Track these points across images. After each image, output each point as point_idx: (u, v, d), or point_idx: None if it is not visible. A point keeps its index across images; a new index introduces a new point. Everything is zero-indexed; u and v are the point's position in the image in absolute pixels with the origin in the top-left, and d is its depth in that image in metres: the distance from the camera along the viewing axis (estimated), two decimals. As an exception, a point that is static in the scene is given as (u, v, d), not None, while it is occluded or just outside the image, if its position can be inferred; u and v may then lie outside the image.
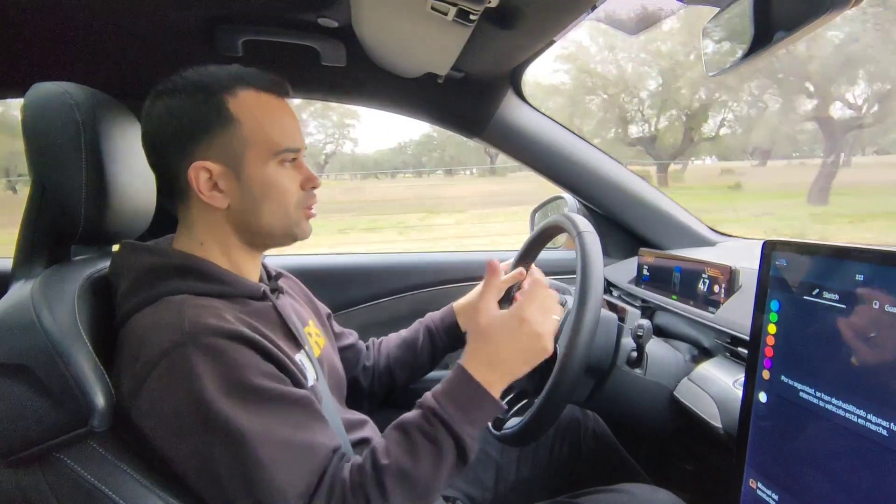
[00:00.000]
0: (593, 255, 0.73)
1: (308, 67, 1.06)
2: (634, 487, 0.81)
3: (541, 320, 0.66)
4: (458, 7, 0.69)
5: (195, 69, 0.65)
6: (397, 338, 0.98)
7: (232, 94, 0.63)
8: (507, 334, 0.65)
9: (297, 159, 0.68)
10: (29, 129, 0.63)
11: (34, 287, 0.58)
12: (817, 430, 0.50)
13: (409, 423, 0.62)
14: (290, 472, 0.55)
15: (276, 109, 0.66)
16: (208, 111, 0.63)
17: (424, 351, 0.95)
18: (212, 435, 0.53)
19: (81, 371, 0.53)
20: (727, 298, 0.86)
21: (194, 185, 0.63)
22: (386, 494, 0.57)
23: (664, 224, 1.33)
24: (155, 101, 0.64)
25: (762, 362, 0.57)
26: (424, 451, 0.60)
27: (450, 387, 0.64)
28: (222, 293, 0.63)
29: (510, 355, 0.65)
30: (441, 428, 0.61)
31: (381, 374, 0.95)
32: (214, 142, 0.63)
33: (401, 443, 0.60)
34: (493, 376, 0.64)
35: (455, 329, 0.96)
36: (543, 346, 0.66)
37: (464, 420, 0.61)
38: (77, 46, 0.97)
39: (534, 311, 0.66)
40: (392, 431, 0.62)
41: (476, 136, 1.26)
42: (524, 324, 0.65)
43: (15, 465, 0.54)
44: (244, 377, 0.55)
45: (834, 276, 0.49)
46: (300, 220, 0.69)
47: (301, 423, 0.58)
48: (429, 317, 0.99)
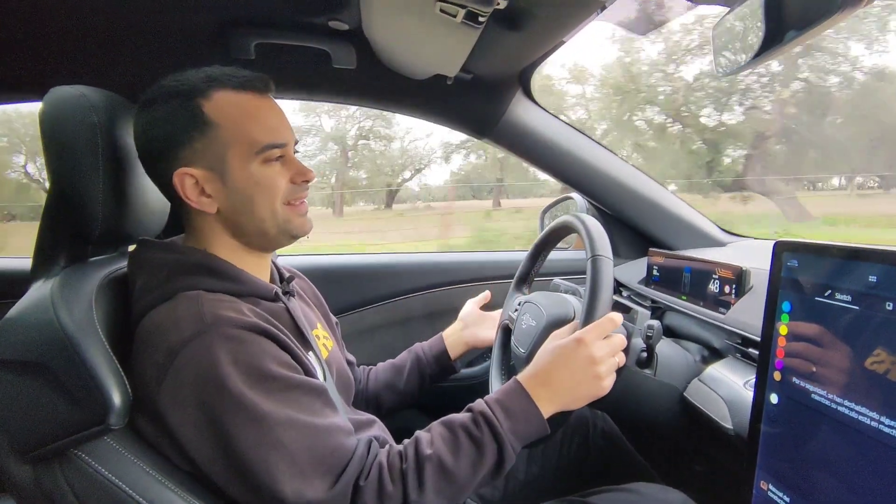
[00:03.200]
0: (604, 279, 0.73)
1: (319, 70, 1.07)
2: (645, 487, 0.81)
3: (600, 347, 0.67)
4: (466, 9, 0.69)
5: (173, 76, 0.65)
6: (388, 364, 0.99)
7: (207, 97, 0.63)
8: (566, 357, 0.66)
9: (285, 155, 0.67)
10: (47, 132, 0.64)
11: (53, 287, 0.60)
12: (829, 433, 0.50)
13: (456, 422, 0.63)
14: (314, 455, 0.56)
15: (255, 107, 0.65)
16: (185, 118, 0.63)
17: (412, 376, 0.96)
18: (236, 419, 0.54)
19: (99, 369, 0.54)
20: (738, 299, 0.85)
21: (180, 192, 0.63)
22: (423, 484, 0.58)
23: (674, 224, 1.32)
24: (139, 113, 0.65)
25: (773, 364, 0.56)
26: (467, 451, 0.61)
27: (503, 397, 0.65)
28: (235, 291, 0.64)
29: (564, 377, 0.66)
30: (487, 432, 0.62)
31: (369, 398, 0.96)
32: (195, 147, 0.63)
33: (446, 439, 0.61)
34: (544, 395, 0.65)
35: (443, 356, 0.97)
36: (597, 373, 0.66)
37: (510, 430, 0.62)
38: (94, 50, 0.98)
39: (594, 337, 0.67)
40: (438, 426, 0.63)
41: (485, 136, 1.26)
42: (581, 346, 0.66)
43: (33, 461, 0.55)
44: (264, 365, 0.56)
45: (846, 278, 0.49)
46: (288, 215, 0.67)
47: (319, 411, 0.59)
48: (418, 345, 1.00)
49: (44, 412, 0.54)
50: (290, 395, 0.57)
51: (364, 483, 0.57)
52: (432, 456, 0.59)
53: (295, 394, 0.58)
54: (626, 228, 1.37)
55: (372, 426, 0.79)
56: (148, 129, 0.64)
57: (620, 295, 1.24)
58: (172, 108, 0.63)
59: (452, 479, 0.59)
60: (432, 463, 0.59)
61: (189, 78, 0.64)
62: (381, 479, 0.58)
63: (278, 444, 0.54)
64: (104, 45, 0.97)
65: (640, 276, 1.18)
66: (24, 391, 0.55)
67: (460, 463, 0.60)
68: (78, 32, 0.92)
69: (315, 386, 0.61)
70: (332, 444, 0.58)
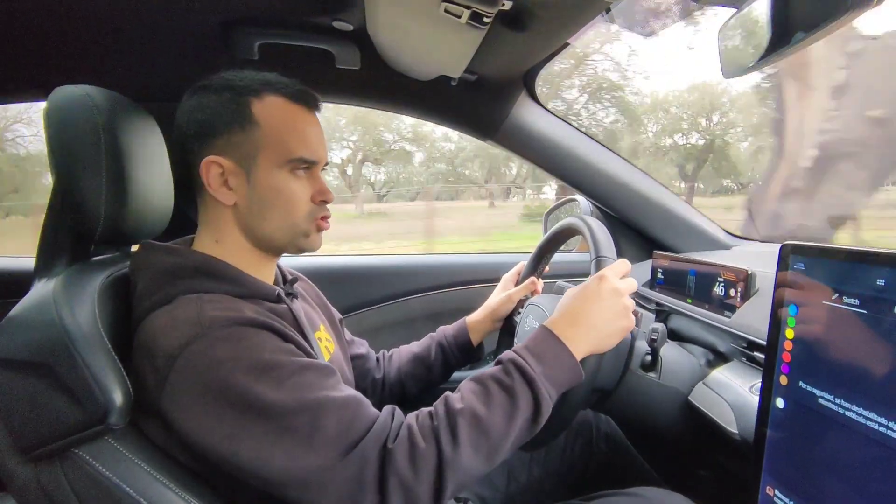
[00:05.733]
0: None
1: (323, 70, 1.07)
2: (648, 491, 0.80)
3: (622, 282, 0.68)
4: (471, 10, 0.69)
5: (233, 72, 0.67)
6: (408, 353, 0.98)
7: (259, 97, 0.65)
8: (589, 293, 0.66)
9: (313, 171, 0.68)
10: (51, 132, 0.64)
11: (55, 286, 0.60)
12: (837, 438, 0.49)
13: (485, 375, 0.61)
14: (328, 433, 0.54)
15: (300, 120, 0.67)
16: (232, 110, 0.64)
17: (437, 367, 0.95)
18: (244, 416, 0.53)
19: (100, 368, 0.54)
20: (743, 302, 0.85)
21: (204, 178, 0.64)
22: (457, 438, 0.56)
23: (678, 226, 1.32)
24: (190, 96, 0.66)
25: (780, 368, 0.56)
26: (500, 400, 0.59)
27: (532, 343, 0.63)
28: (237, 294, 0.63)
29: (593, 314, 0.65)
30: (520, 378, 0.60)
31: (392, 386, 0.95)
32: (232, 139, 0.64)
33: (476, 392, 0.59)
34: (575, 336, 0.64)
35: (468, 345, 0.96)
36: (625, 304, 0.67)
37: (543, 374, 0.60)
38: (98, 50, 0.98)
39: (614, 273, 0.68)
40: (468, 382, 0.62)
41: (489, 138, 1.26)
42: (604, 281, 0.66)
43: (35, 461, 0.55)
44: (265, 356, 0.56)
45: (854, 281, 0.49)
46: (309, 231, 0.69)
47: (333, 386, 0.58)
48: (441, 332, 0.99)
49: (45, 411, 0.54)
50: (300, 377, 0.56)
51: (393, 445, 0.55)
52: (464, 410, 0.57)
53: (305, 375, 0.57)
54: (630, 231, 1.37)
55: None
56: (194, 111, 0.65)
57: None
58: (223, 98, 0.64)
59: (487, 431, 0.57)
60: (465, 417, 0.56)
61: (247, 76, 0.66)
62: (413, 439, 0.55)
63: (290, 431, 0.53)
64: (108, 45, 0.97)
65: (644, 279, 1.17)
66: (26, 390, 0.54)
67: (494, 414, 0.57)
68: (82, 32, 0.93)
69: (323, 366, 0.60)
70: (347, 417, 0.56)
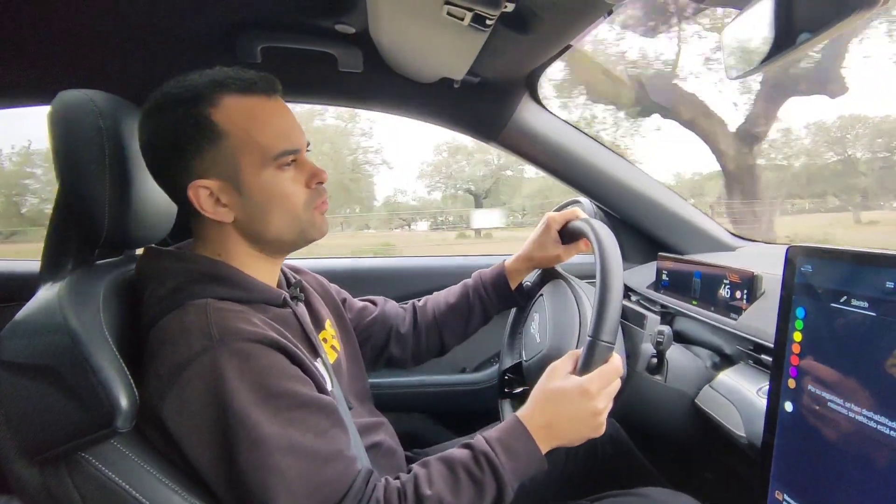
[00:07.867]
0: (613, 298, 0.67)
1: (326, 73, 1.07)
2: (654, 492, 0.80)
3: (604, 401, 0.66)
4: (473, 12, 0.69)
5: (176, 81, 0.63)
6: (444, 304, 0.95)
7: (214, 104, 0.61)
8: (570, 403, 0.65)
9: (299, 158, 0.66)
10: (55, 136, 0.64)
11: (60, 290, 0.60)
12: (846, 442, 0.49)
13: (456, 461, 0.62)
14: (310, 484, 0.55)
15: (264, 112, 0.63)
16: (193, 127, 0.61)
17: (475, 317, 0.95)
18: (237, 440, 0.53)
19: (106, 372, 0.54)
20: (749, 304, 0.84)
21: (196, 205, 0.63)
22: None
23: (683, 228, 1.31)
24: (144, 122, 0.63)
25: (788, 371, 0.55)
26: (467, 490, 0.60)
27: (505, 436, 0.64)
28: (243, 298, 0.63)
29: (567, 424, 0.66)
30: (489, 472, 0.61)
31: (429, 335, 0.94)
32: (206, 157, 0.62)
33: (445, 478, 0.61)
34: (546, 437, 0.65)
35: (506, 290, 0.95)
36: (599, 423, 0.66)
37: (512, 470, 0.62)
38: (101, 55, 0.99)
39: (598, 387, 0.66)
40: (437, 464, 0.62)
41: (492, 140, 1.26)
42: (587, 398, 0.65)
43: (41, 464, 0.55)
44: (272, 382, 0.56)
45: (863, 283, 0.48)
46: (312, 219, 0.67)
47: (325, 432, 0.59)
48: (477, 277, 0.96)
49: (51, 415, 0.54)
50: (297, 413, 0.57)
51: None
52: (432, 497, 0.58)
53: (302, 412, 0.57)
54: (634, 233, 1.36)
55: (379, 430, 0.79)
56: (154, 139, 0.63)
57: (629, 300, 1.23)
58: (178, 116, 0.61)
59: None
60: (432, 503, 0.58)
61: (193, 83, 0.62)
62: None
63: (276, 469, 0.53)
64: (112, 49, 0.98)
65: (649, 281, 1.16)
66: (33, 394, 0.55)
67: (459, 503, 0.59)
68: (86, 37, 0.93)
69: (324, 404, 0.60)
70: (330, 474, 0.57)
